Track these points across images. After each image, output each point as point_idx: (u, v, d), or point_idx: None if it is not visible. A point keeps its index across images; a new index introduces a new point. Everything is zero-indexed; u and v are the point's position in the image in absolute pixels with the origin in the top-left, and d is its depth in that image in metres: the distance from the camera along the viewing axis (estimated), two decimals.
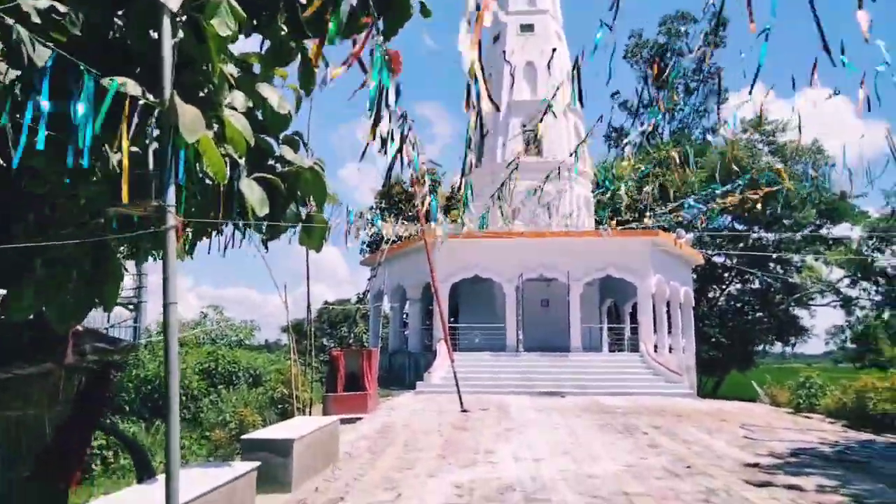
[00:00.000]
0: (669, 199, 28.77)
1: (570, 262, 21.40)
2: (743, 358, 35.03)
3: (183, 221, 4.19)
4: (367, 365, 13.68)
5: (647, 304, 21.56)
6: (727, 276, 37.27)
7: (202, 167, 4.81)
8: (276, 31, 6.34)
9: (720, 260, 36.30)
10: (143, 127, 4.27)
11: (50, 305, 5.09)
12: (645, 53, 39.12)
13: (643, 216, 25.05)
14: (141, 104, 4.10)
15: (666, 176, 29.87)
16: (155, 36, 4.47)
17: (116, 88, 3.93)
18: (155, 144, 4.34)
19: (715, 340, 33.65)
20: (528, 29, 27.98)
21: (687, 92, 38.58)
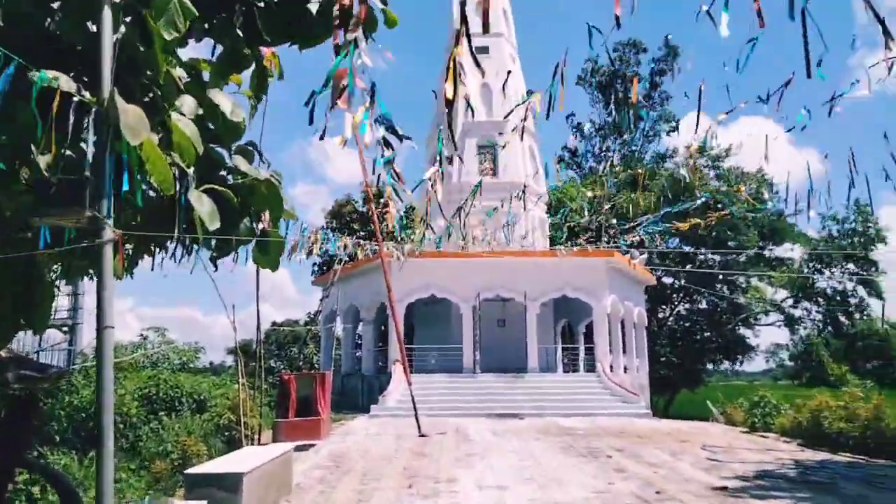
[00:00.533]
0: (623, 220, 29.15)
1: (527, 282, 21.27)
2: (692, 377, 35.55)
3: (122, 235, 3.72)
4: (320, 389, 13.11)
5: (602, 324, 21.57)
6: (676, 296, 37.93)
7: (146, 176, 4.34)
8: (231, 35, 5.91)
9: (669, 280, 36.94)
10: (78, 128, 3.80)
11: None
12: (599, 80, 39.86)
13: (598, 237, 25.22)
14: (76, 102, 3.63)
15: (619, 198, 30.26)
16: (94, 29, 4.01)
17: (46, 82, 3.47)
18: (93, 149, 3.87)
19: (665, 360, 34.09)
20: (483, 51, 28.01)
21: (637, 117, 39.46)
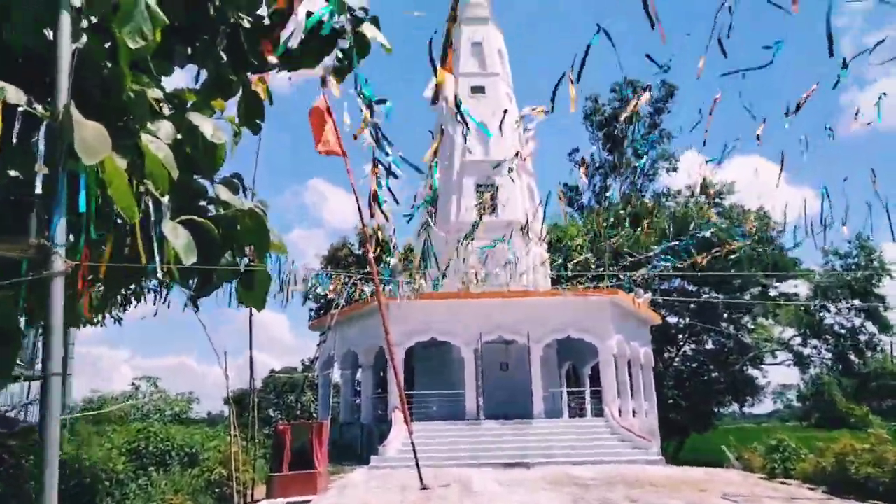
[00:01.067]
0: (626, 257, 28.71)
1: (529, 323, 20.65)
2: (702, 419, 34.56)
3: (74, 266, 3.23)
4: (316, 440, 12.39)
5: (609, 365, 20.87)
6: (681, 336, 37.22)
7: (108, 202, 3.86)
8: (214, 59, 5.51)
9: (674, 320, 36.27)
10: (26, 144, 3.34)
11: None
12: (598, 118, 39.99)
13: (601, 276, 24.73)
14: (21, 113, 3.18)
15: (620, 234, 29.86)
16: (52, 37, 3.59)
17: None
18: (45, 168, 3.39)
19: (673, 402, 33.16)
20: (479, 91, 28.10)
21: (636, 155, 39.46)
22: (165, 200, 4.75)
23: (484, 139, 27.09)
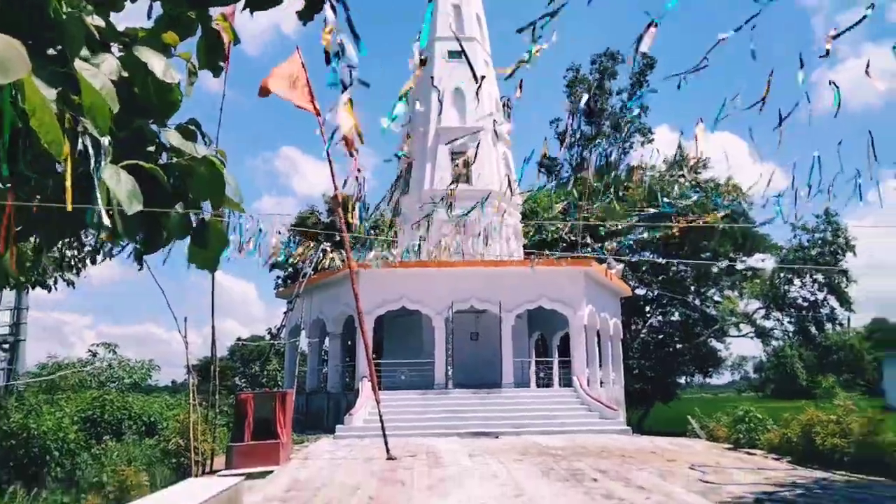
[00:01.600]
0: (599, 228, 28.59)
1: (502, 292, 20.40)
2: (666, 390, 35.05)
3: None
4: (280, 409, 11.98)
5: (579, 336, 20.80)
6: (649, 308, 37.52)
7: (30, 136, 3.32)
8: None
9: (642, 292, 36.50)
10: None
11: None
12: (581, 89, 39.50)
13: (575, 246, 24.57)
14: None
15: (594, 206, 29.69)
16: None
17: None
18: None
19: (639, 373, 33.52)
20: (455, 55, 27.32)
21: (614, 129, 39.20)
22: (106, 142, 4.11)
23: (460, 106, 26.50)
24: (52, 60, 3.56)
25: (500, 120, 25.96)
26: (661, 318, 38.21)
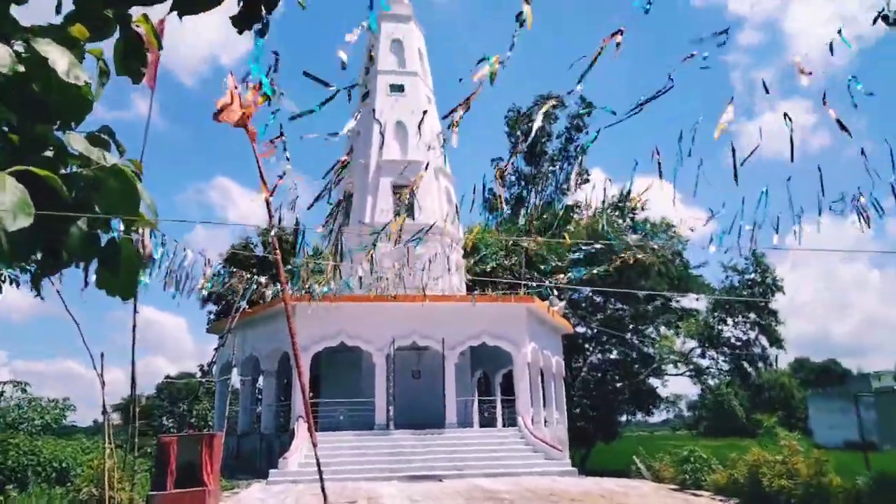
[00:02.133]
0: (537, 267, 28.60)
1: (445, 328, 19.90)
2: (608, 429, 35.02)
3: None
4: (206, 452, 11.03)
5: (523, 373, 20.44)
6: (588, 346, 37.71)
7: None
8: None
9: (582, 330, 36.71)
10: None
11: None
12: (521, 129, 40.02)
13: (518, 283, 24.40)
14: None
15: (533, 244, 29.78)
16: None
17: None
18: None
19: (580, 411, 33.41)
20: (397, 90, 27.27)
21: (552, 166, 39.83)
22: None
23: (402, 139, 26.30)
24: None
25: (439, 154, 25.90)
26: (600, 356, 38.46)
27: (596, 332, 36.28)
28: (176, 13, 4.99)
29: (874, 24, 6.00)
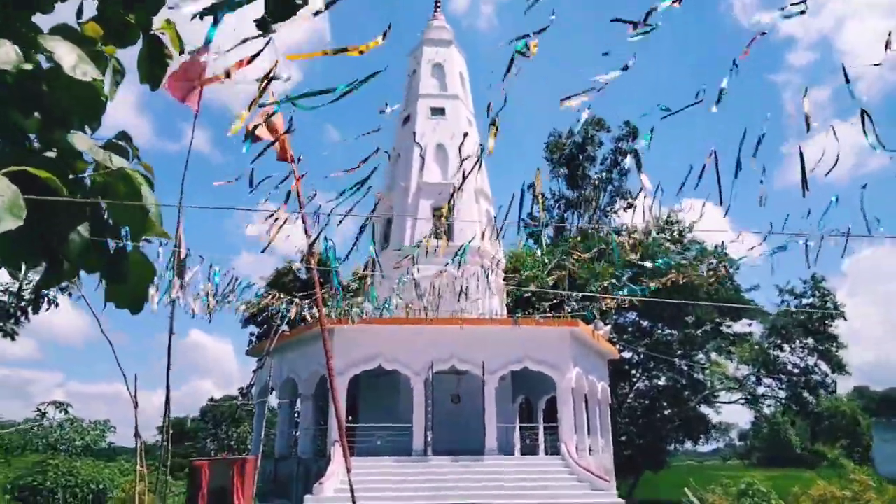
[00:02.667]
0: (584, 289, 27.86)
1: (485, 352, 19.39)
2: (656, 458, 33.70)
3: None
4: (238, 478, 10.78)
5: (567, 399, 19.71)
6: (635, 372, 36.54)
7: None
8: None
9: (628, 355, 35.62)
10: None
11: None
12: (562, 154, 39.53)
13: (560, 306, 23.78)
14: None
15: (576, 266, 29.09)
16: None
17: None
18: None
19: (626, 439, 32.25)
20: (438, 112, 27.25)
21: (595, 190, 39.18)
22: None
23: (442, 162, 26.19)
24: None
25: (480, 176, 25.70)
26: (647, 382, 37.22)
27: (643, 357, 35.16)
28: (268, 20, 4.56)
29: None
